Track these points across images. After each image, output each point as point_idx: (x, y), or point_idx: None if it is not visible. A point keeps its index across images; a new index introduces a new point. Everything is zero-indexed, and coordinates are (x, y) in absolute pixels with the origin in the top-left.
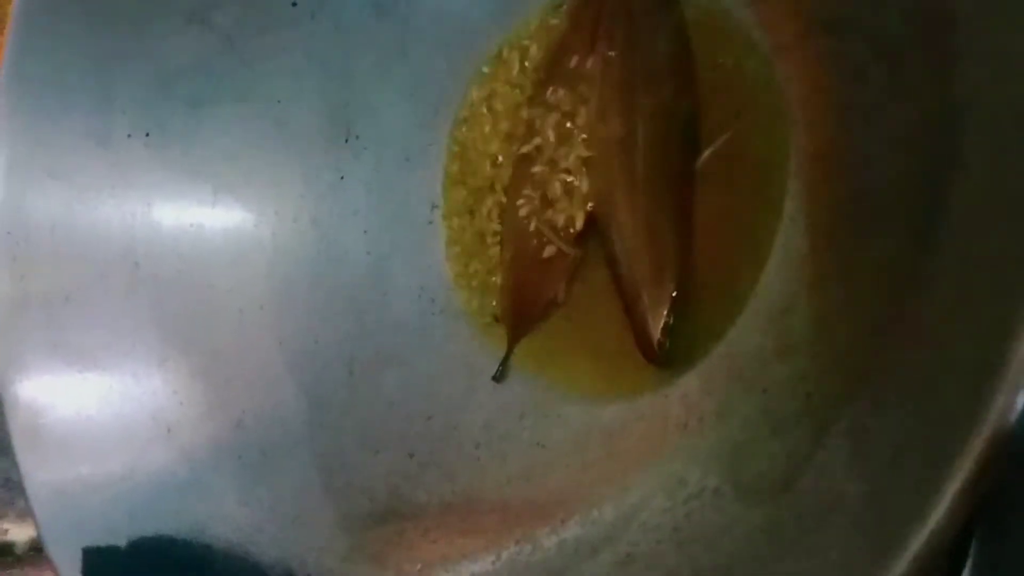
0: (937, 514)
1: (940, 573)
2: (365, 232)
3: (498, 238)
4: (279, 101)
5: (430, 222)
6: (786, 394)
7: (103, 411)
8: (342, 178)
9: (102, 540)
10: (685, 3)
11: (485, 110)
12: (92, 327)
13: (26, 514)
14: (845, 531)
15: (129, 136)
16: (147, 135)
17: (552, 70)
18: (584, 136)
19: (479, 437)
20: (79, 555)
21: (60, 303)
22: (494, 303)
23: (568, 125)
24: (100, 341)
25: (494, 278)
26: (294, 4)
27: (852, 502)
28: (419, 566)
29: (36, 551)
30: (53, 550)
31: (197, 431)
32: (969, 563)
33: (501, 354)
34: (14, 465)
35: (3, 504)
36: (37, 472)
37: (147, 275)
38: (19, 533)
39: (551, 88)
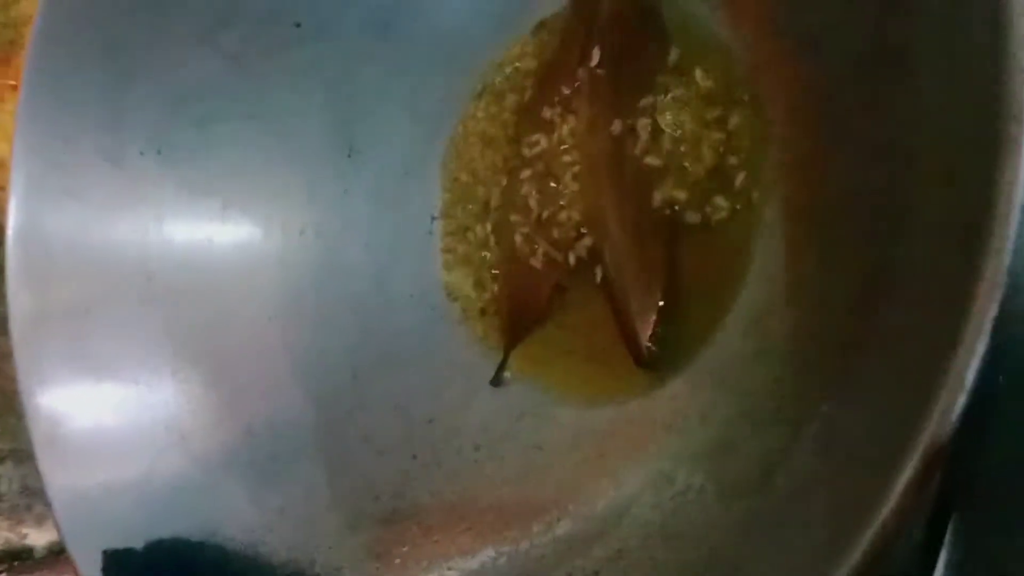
0: (889, 503)
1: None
2: (367, 243)
3: (493, 247)
4: (285, 118)
5: (430, 232)
6: (765, 396)
7: (119, 420)
8: (345, 191)
9: (121, 542)
10: (669, 21)
11: (481, 123)
12: (108, 339)
13: (44, 518)
14: (815, 521)
15: (141, 154)
16: (158, 153)
17: (544, 86)
18: (574, 148)
19: (478, 439)
20: (99, 557)
21: (78, 317)
22: (490, 310)
23: (558, 138)
24: (116, 353)
25: (490, 286)
26: (298, 25)
27: (821, 495)
28: (424, 563)
29: (54, 555)
30: (74, 552)
31: (209, 438)
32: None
33: (499, 359)
34: (31, 472)
35: (22, 509)
36: (58, 478)
37: (160, 288)
38: (38, 537)
39: (543, 103)
